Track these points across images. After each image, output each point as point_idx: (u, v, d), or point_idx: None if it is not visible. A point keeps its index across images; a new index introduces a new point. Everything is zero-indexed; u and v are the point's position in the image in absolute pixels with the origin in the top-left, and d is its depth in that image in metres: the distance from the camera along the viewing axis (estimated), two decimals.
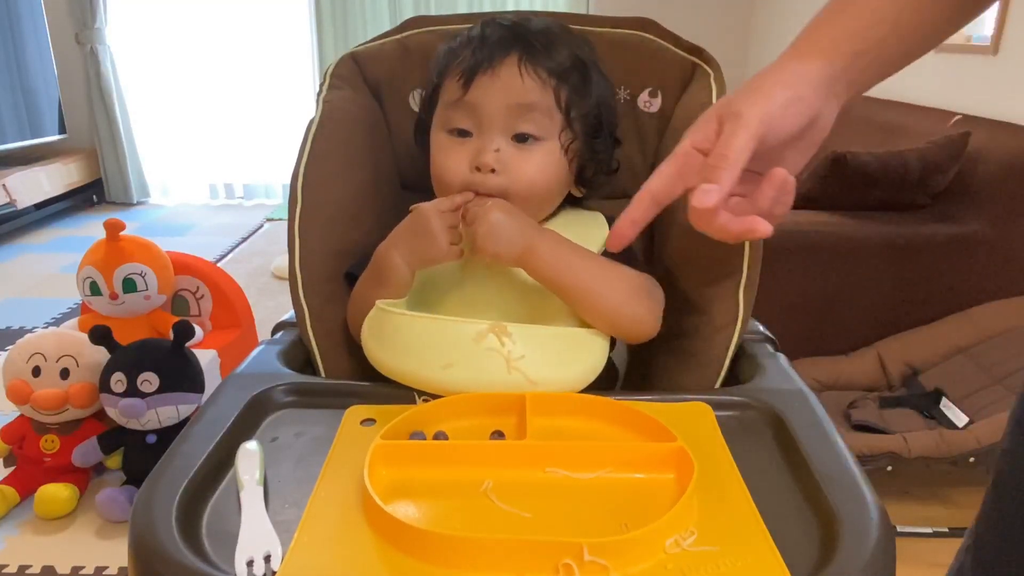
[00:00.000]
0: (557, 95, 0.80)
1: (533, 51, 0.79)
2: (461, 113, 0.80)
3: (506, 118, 0.79)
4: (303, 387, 0.75)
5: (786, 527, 0.54)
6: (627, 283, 0.78)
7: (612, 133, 0.88)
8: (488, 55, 0.78)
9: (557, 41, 0.81)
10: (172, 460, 0.61)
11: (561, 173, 0.83)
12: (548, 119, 0.80)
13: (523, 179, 0.80)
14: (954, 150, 1.97)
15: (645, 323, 0.79)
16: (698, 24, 4.06)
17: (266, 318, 1.55)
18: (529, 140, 0.80)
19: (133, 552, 0.53)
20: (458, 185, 0.80)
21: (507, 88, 0.78)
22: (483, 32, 0.81)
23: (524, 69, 0.78)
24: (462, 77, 0.79)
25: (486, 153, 0.79)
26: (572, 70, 0.81)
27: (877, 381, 1.92)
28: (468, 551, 0.50)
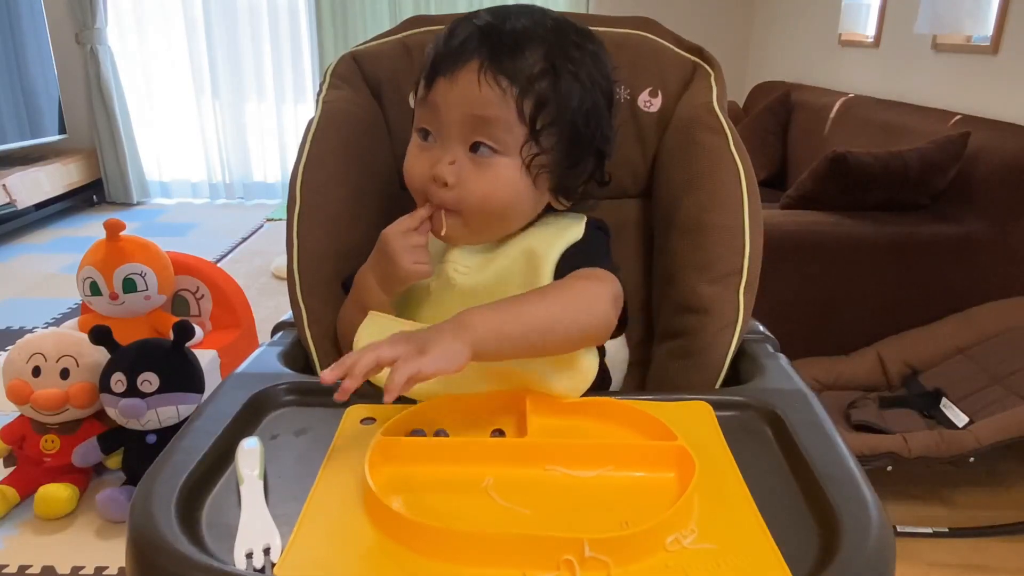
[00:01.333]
0: (520, 106, 0.72)
1: (497, 56, 0.72)
2: (426, 113, 0.76)
3: (463, 127, 0.74)
4: (303, 386, 0.75)
5: (786, 526, 0.54)
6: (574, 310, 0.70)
7: (598, 142, 0.78)
8: (451, 58, 0.73)
9: (531, 42, 0.73)
10: (172, 454, 0.61)
11: (522, 189, 0.76)
12: (507, 133, 0.73)
13: (476, 195, 0.75)
14: (954, 150, 1.97)
15: (599, 336, 0.74)
16: (698, 24, 4.06)
17: (266, 318, 1.55)
18: (486, 152, 0.74)
19: (131, 542, 0.52)
20: (419, 191, 0.78)
21: (464, 97, 0.72)
22: (452, 30, 0.75)
23: (483, 77, 0.71)
24: (426, 77, 0.76)
25: (441, 165, 0.74)
26: (542, 77, 0.73)
27: (877, 381, 1.92)
28: (469, 546, 0.50)
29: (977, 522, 1.60)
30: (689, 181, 0.89)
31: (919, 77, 2.76)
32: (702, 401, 0.72)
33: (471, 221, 0.77)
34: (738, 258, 0.86)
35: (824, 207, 1.98)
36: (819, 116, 2.96)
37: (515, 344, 0.66)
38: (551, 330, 0.68)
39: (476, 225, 0.77)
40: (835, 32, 3.40)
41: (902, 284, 1.95)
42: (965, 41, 2.53)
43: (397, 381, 0.59)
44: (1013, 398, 1.66)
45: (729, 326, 0.85)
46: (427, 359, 0.60)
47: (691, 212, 0.88)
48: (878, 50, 3.08)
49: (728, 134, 0.89)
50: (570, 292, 0.72)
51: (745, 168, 0.88)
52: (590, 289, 0.73)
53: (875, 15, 3.12)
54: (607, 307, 0.73)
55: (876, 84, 3.00)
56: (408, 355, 0.60)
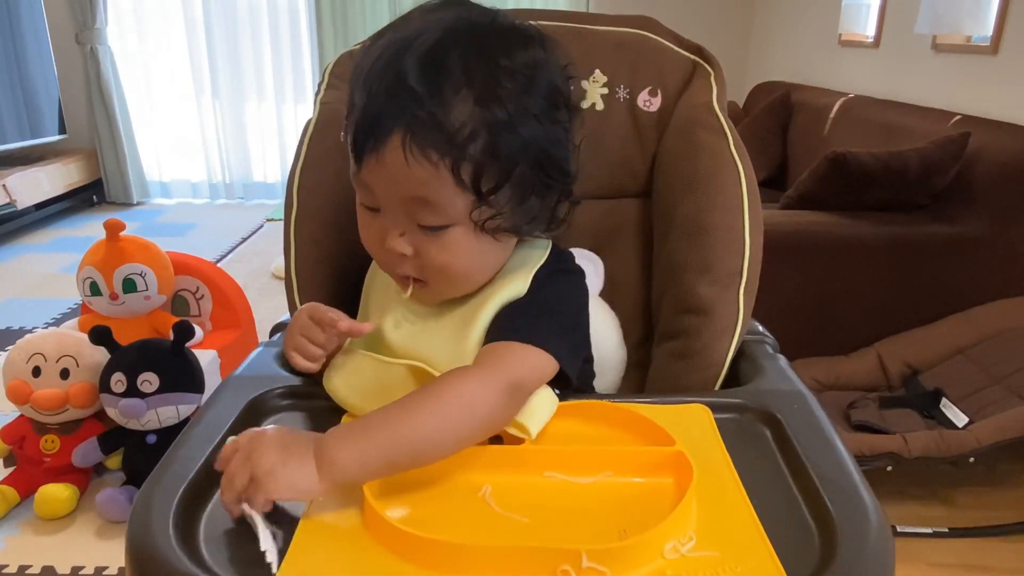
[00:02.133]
0: (457, 174, 0.63)
1: (418, 124, 0.62)
2: (362, 189, 0.69)
3: (402, 207, 0.67)
4: (301, 390, 0.75)
5: (785, 531, 0.54)
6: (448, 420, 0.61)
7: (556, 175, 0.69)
8: (369, 134, 0.64)
9: (454, 94, 0.63)
10: (170, 464, 0.61)
11: (483, 249, 0.69)
12: (450, 206, 0.65)
13: (436, 264, 0.68)
14: (954, 150, 1.96)
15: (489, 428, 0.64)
16: (698, 24, 4.05)
17: (266, 318, 1.55)
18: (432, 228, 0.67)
19: (131, 558, 0.53)
20: (383, 263, 0.72)
21: (395, 178, 0.64)
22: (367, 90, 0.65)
23: (410, 154, 0.62)
24: (352, 150, 0.67)
25: (392, 239, 0.68)
26: (474, 137, 0.63)
27: (877, 381, 1.92)
28: (466, 558, 0.50)
29: (977, 522, 1.60)
30: (689, 181, 0.89)
31: (919, 77, 2.76)
32: (700, 404, 0.72)
33: (436, 287, 0.71)
34: (738, 259, 0.86)
35: (824, 207, 1.98)
36: (819, 116, 2.96)
37: (381, 470, 0.59)
38: (421, 449, 0.60)
39: (443, 290, 0.72)
40: (835, 32, 3.39)
41: (902, 284, 1.95)
42: (965, 41, 2.53)
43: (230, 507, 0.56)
44: (1013, 398, 1.66)
45: (729, 327, 0.85)
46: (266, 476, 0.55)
47: (691, 213, 0.88)
48: (878, 50, 3.07)
49: (728, 134, 0.89)
50: (446, 399, 0.62)
51: (745, 168, 0.87)
52: (471, 386, 0.63)
53: (875, 15, 3.11)
54: (493, 404, 0.63)
55: (876, 84, 2.99)
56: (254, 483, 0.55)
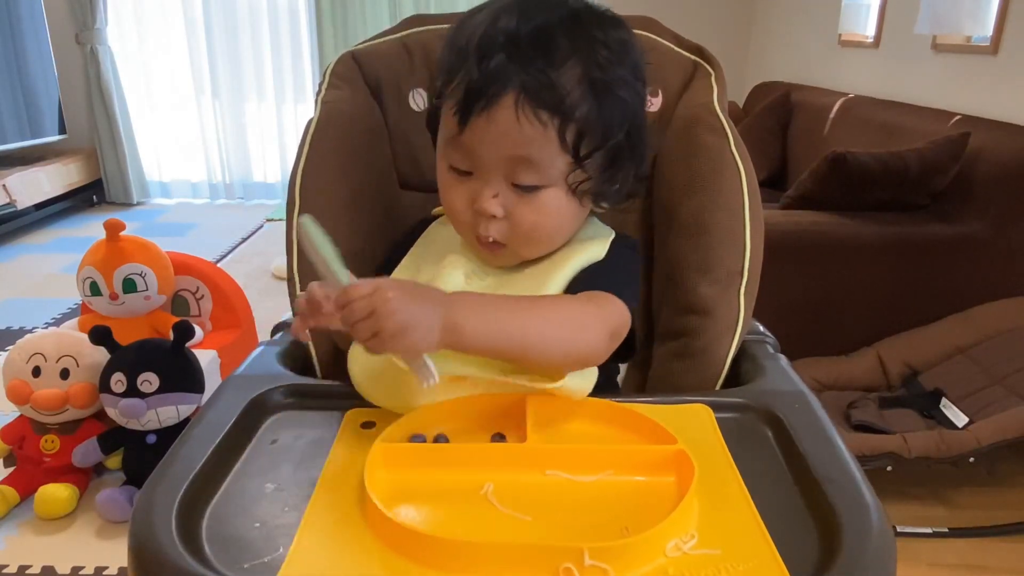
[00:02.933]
0: (562, 135, 0.68)
1: (533, 87, 0.66)
2: (458, 153, 0.72)
3: (503, 167, 0.70)
4: (303, 389, 0.75)
5: (786, 529, 0.54)
6: (566, 327, 0.67)
7: (640, 149, 0.76)
8: (482, 91, 0.67)
9: (565, 61, 0.68)
10: (172, 463, 0.61)
11: (570, 212, 0.75)
12: (550, 167, 0.70)
13: (526, 225, 0.73)
14: (954, 150, 1.97)
15: (587, 358, 0.69)
16: (698, 24, 4.05)
17: (266, 318, 1.54)
18: (530, 188, 0.71)
19: (133, 557, 0.53)
20: (464, 227, 0.75)
21: (503, 136, 0.68)
22: (480, 52, 0.68)
23: (522, 113, 0.67)
24: (457, 112, 0.69)
25: (484, 200, 0.71)
26: (583, 100, 0.68)
27: (877, 381, 1.92)
28: (468, 556, 0.50)
29: (977, 522, 1.60)
30: (689, 181, 0.89)
31: (919, 77, 2.76)
32: (702, 404, 0.72)
33: (521, 250, 0.75)
34: (739, 259, 0.86)
35: (824, 207, 1.98)
36: (819, 116, 2.96)
37: (491, 349, 0.64)
38: (532, 344, 0.65)
39: (526, 253, 0.76)
40: (835, 32, 3.39)
41: (902, 284, 1.95)
42: (965, 41, 2.53)
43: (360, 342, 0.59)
44: (1013, 398, 1.66)
45: (730, 327, 0.85)
46: (392, 338, 0.58)
47: (691, 213, 0.88)
48: (878, 50, 3.07)
49: (729, 134, 0.89)
50: (565, 311, 0.69)
51: (746, 168, 0.87)
52: (587, 313, 0.69)
53: (875, 15, 3.12)
54: (599, 335, 0.69)
55: (876, 84, 2.99)
56: (377, 339, 0.58)
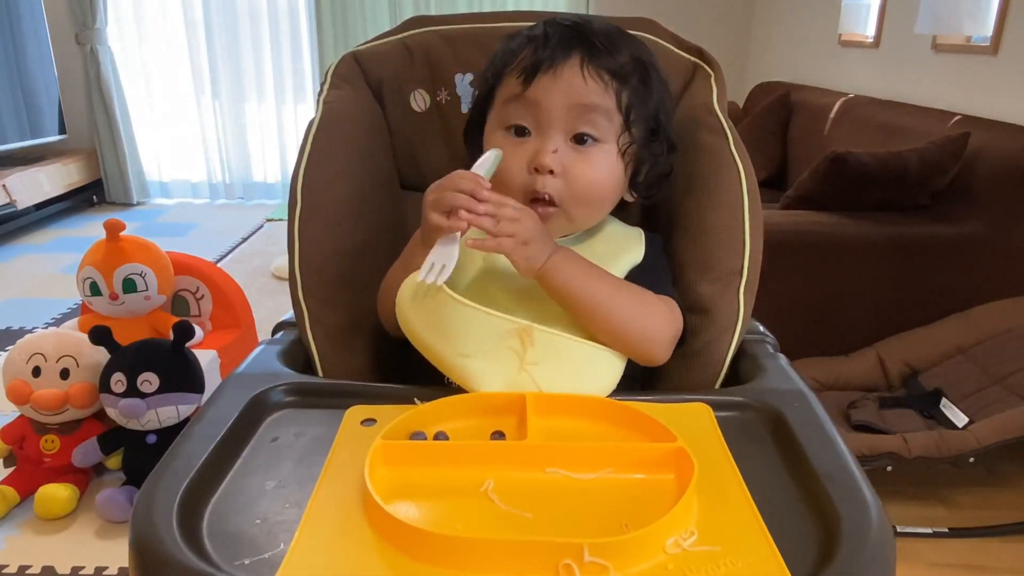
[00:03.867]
0: (618, 97, 0.79)
1: (596, 52, 0.77)
2: (520, 109, 0.79)
3: (566, 118, 0.78)
4: (303, 387, 0.75)
5: (786, 527, 0.54)
6: (641, 307, 0.77)
7: (669, 137, 0.85)
8: (550, 54, 0.77)
9: (618, 42, 0.80)
10: (172, 461, 0.61)
11: (618, 176, 0.82)
12: (608, 121, 0.79)
13: (581, 181, 0.79)
14: (954, 150, 1.97)
15: (654, 347, 0.78)
16: (698, 24, 4.06)
17: (266, 318, 1.55)
18: (588, 142, 0.79)
19: (134, 553, 0.53)
20: (517, 186, 0.79)
21: (569, 88, 0.77)
22: (545, 31, 0.80)
23: (587, 71, 0.77)
24: (522, 74, 0.78)
25: (544, 154, 0.77)
26: (633, 72, 0.80)
27: (877, 381, 1.92)
28: (468, 552, 0.50)
29: (977, 522, 1.60)
30: (689, 181, 0.89)
31: (919, 77, 2.76)
32: (701, 402, 0.72)
33: (572, 211, 0.80)
34: (738, 258, 0.86)
35: (824, 207, 1.98)
36: (819, 116, 2.96)
37: (569, 298, 0.74)
38: (604, 309, 0.74)
39: (576, 215, 0.81)
40: (835, 32, 3.40)
41: (902, 284, 1.95)
42: (965, 41, 2.54)
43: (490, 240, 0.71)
44: (1013, 398, 1.66)
45: (729, 326, 0.85)
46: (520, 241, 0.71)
47: (691, 212, 0.88)
48: (878, 50, 3.08)
49: (728, 134, 0.89)
50: (647, 301, 0.78)
51: (745, 168, 0.88)
52: (663, 312, 0.79)
53: (875, 15, 3.12)
54: (667, 333, 0.79)
55: (876, 84, 3.00)
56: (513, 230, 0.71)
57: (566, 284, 0.74)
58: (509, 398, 0.69)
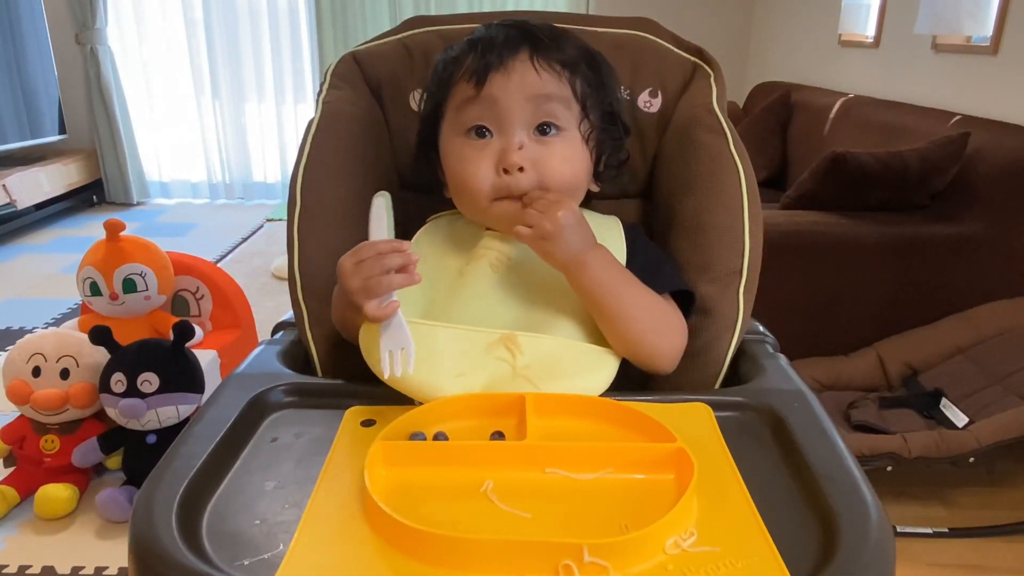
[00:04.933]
0: (572, 85, 0.79)
1: (542, 45, 0.78)
2: (477, 110, 0.78)
3: (525, 111, 0.77)
4: (303, 387, 0.75)
5: (786, 527, 0.54)
6: (658, 317, 0.78)
7: (624, 122, 0.87)
8: (498, 54, 0.77)
9: (561, 37, 0.81)
10: (172, 461, 0.61)
11: (585, 163, 0.83)
12: (567, 109, 0.79)
13: (554, 173, 0.78)
14: (954, 150, 1.97)
15: (663, 358, 0.79)
16: (698, 24, 4.06)
17: (266, 318, 1.55)
18: (551, 132, 0.79)
19: (133, 553, 0.53)
20: (487, 191, 0.78)
21: (523, 82, 0.77)
22: (487, 33, 0.80)
23: (538, 63, 0.77)
24: (473, 77, 0.77)
25: (511, 152, 0.76)
26: (582, 61, 0.81)
27: (877, 381, 1.92)
28: (468, 552, 0.50)
29: (977, 522, 1.60)
30: (689, 181, 0.89)
31: (919, 77, 2.76)
32: (701, 402, 0.72)
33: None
34: (738, 258, 0.86)
35: (824, 207, 1.98)
36: (819, 116, 2.96)
37: (595, 293, 0.74)
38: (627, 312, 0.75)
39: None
40: (835, 32, 3.40)
41: (902, 284, 1.95)
42: (965, 41, 2.53)
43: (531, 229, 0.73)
44: (1013, 398, 1.66)
45: (729, 326, 0.85)
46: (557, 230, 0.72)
47: (691, 212, 0.88)
48: (878, 50, 3.08)
49: (728, 134, 0.89)
50: (665, 310, 0.79)
51: (745, 168, 0.88)
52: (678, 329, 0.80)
53: (875, 15, 3.12)
54: (677, 349, 0.80)
55: (876, 84, 3.00)
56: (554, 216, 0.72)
57: (598, 281, 0.74)
58: (508, 398, 0.69)
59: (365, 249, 0.70)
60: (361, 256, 0.69)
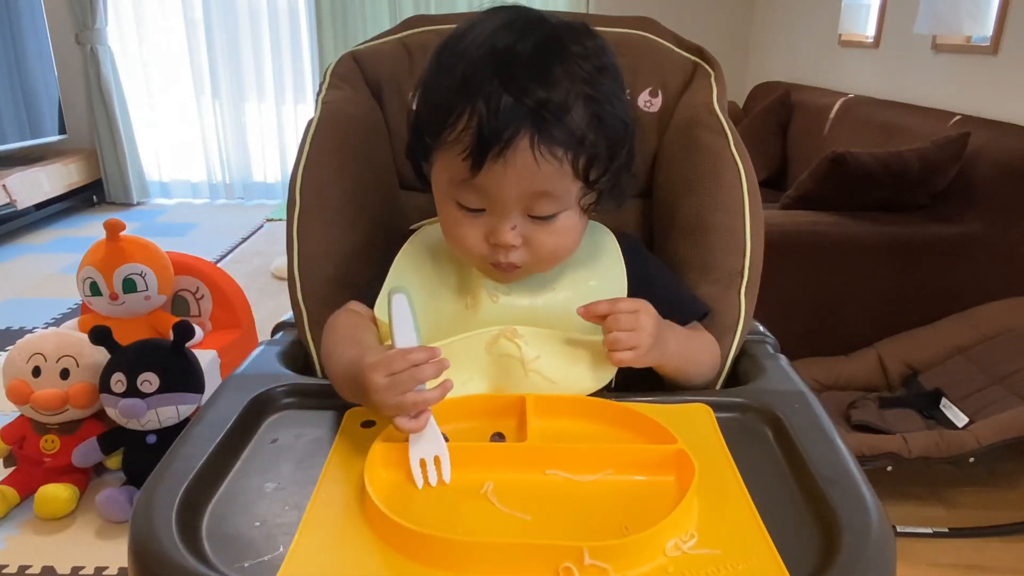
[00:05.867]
0: (575, 166, 0.69)
1: (547, 127, 0.66)
2: (471, 195, 0.71)
3: (520, 202, 0.71)
4: (303, 388, 0.75)
5: (786, 529, 0.54)
6: (708, 356, 0.82)
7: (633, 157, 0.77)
8: (496, 136, 0.66)
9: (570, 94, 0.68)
10: (172, 462, 0.61)
11: (582, 228, 0.76)
12: (566, 193, 0.71)
13: (546, 249, 0.73)
14: (954, 150, 1.96)
15: (710, 380, 0.84)
16: (698, 24, 4.06)
17: (266, 318, 1.55)
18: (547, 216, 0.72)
19: (133, 555, 0.53)
20: (478, 255, 0.74)
21: (520, 176, 0.68)
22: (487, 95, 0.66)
23: (539, 153, 0.67)
24: (468, 157, 0.67)
25: (503, 233, 0.71)
26: (588, 131, 0.69)
27: (877, 381, 1.92)
28: (468, 554, 0.50)
29: (977, 522, 1.60)
30: (689, 182, 0.89)
31: (919, 77, 2.76)
32: (702, 403, 0.72)
33: (537, 268, 0.76)
34: (739, 259, 0.86)
35: (824, 207, 1.98)
36: (819, 116, 2.96)
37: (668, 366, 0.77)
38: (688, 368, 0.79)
39: (541, 271, 0.77)
40: (835, 32, 3.39)
41: (902, 284, 1.95)
42: (965, 41, 2.53)
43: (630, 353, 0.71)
44: (1013, 398, 1.66)
45: (730, 327, 0.85)
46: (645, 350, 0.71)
47: (692, 213, 0.88)
48: (878, 50, 3.07)
49: (728, 134, 0.89)
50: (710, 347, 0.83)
51: (746, 168, 0.88)
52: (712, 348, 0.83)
53: (875, 15, 3.11)
54: (717, 362, 0.84)
55: (876, 84, 2.99)
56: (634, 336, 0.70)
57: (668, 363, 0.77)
58: (509, 400, 0.69)
59: (398, 361, 0.62)
60: (394, 369, 0.62)
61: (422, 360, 0.62)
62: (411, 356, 0.62)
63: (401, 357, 0.62)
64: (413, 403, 0.61)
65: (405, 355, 0.62)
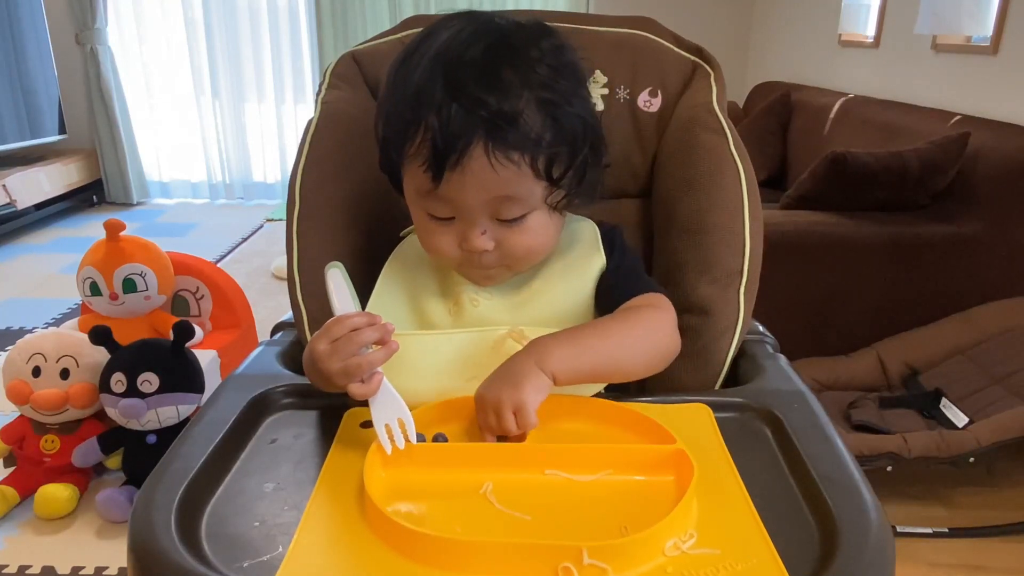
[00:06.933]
0: (535, 167, 0.69)
1: (498, 131, 0.66)
2: (437, 204, 0.72)
3: (486, 207, 0.71)
4: (302, 389, 0.75)
5: (785, 529, 0.54)
6: (643, 342, 0.75)
7: (601, 150, 0.76)
8: (450, 147, 0.66)
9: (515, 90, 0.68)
10: (171, 462, 0.61)
11: (554, 226, 0.76)
12: (530, 196, 0.71)
13: (519, 250, 0.74)
14: (954, 150, 1.97)
15: (669, 354, 0.78)
16: (698, 24, 4.06)
17: (266, 318, 1.55)
18: (515, 219, 0.73)
19: (132, 555, 0.53)
20: (453, 259, 0.75)
21: (480, 183, 0.68)
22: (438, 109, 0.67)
23: (495, 159, 0.67)
24: (428, 170, 0.68)
25: (474, 239, 0.72)
26: (544, 129, 0.69)
27: (877, 381, 1.92)
28: (467, 554, 0.50)
29: (977, 522, 1.60)
30: (689, 181, 0.89)
31: (919, 77, 2.76)
32: (701, 403, 0.72)
33: (514, 269, 0.77)
34: (738, 259, 0.86)
35: (824, 207, 1.98)
36: (819, 116, 2.96)
37: (586, 375, 0.71)
38: (620, 362, 0.73)
39: (519, 270, 0.78)
40: (835, 32, 3.39)
41: (902, 284, 1.95)
42: (965, 41, 2.53)
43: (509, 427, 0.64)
44: (1013, 398, 1.66)
45: (729, 327, 0.85)
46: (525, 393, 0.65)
47: (691, 212, 0.88)
48: (878, 50, 3.07)
49: (728, 134, 0.89)
50: (639, 325, 0.75)
51: (745, 168, 0.88)
52: (655, 319, 0.76)
53: (875, 15, 3.12)
54: (671, 334, 0.77)
55: (876, 84, 2.99)
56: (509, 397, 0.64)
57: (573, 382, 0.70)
58: None
59: (336, 327, 0.65)
60: (334, 335, 0.64)
61: (362, 324, 0.64)
62: (349, 321, 0.64)
63: (339, 323, 0.65)
64: (357, 366, 0.63)
65: (343, 320, 0.65)
